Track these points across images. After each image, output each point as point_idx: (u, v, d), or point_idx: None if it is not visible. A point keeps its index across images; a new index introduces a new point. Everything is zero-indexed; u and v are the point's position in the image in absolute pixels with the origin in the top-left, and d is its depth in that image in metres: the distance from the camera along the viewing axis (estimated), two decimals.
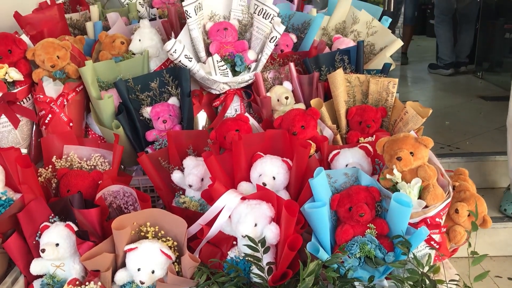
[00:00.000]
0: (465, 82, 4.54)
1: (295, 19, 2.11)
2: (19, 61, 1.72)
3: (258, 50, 1.87)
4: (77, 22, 2.16)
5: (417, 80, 4.68)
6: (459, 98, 3.95)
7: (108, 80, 1.79)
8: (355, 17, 2.10)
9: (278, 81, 1.90)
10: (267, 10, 1.81)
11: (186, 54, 1.71)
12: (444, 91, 4.23)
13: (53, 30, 1.92)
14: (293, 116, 1.57)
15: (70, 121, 1.72)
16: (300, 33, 2.11)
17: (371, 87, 1.76)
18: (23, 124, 1.74)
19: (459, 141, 2.99)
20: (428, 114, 1.63)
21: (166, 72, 1.78)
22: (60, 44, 1.72)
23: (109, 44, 1.89)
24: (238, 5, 1.90)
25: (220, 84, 1.81)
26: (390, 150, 1.32)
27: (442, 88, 4.34)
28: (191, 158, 1.58)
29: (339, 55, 1.91)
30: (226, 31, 1.84)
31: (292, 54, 1.99)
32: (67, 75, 1.75)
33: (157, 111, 1.73)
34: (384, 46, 2.06)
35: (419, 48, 6.13)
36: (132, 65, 1.82)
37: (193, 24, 1.77)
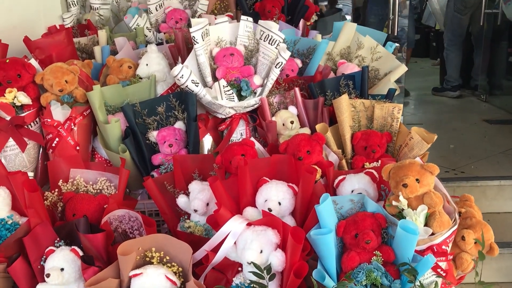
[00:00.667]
0: (469, 105, 4.56)
1: (300, 45, 2.13)
2: (28, 85, 1.74)
3: (263, 75, 1.89)
4: (85, 46, 2.19)
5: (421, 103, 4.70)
6: (463, 121, 3.96)
7: (115, 104, 1.80)
8: (359, 43, 2.13)
9: (284, 106, 1.92)
10: (273, 36, 1.84)
11: (193, 79, 1.73)
12: (448, 114, 4.24)
13: (62, 54, 1.95)
14: (299, 141, 1.58)
15: (77, 144, 1.73)
16: (305, 58, 2.13)
17: (376, 112, 1.77)
18: (30, 148, 1.76)
19: (464, 165, 3.00)
20: (433, 140, 1.64)
21: (173, 97, 1.79)
22: (68, 69, 1.74)
23: (117, 68, 1.92)
24: (244, 31, 1.93)
25: (226, 109, 1.83)
26: (396, 176, 1.32)
27: (446, 111, 4.36)
28: (196, 182, 1.58)
29: (344, 80, 1.93)
30: (232, 56, 1.86)
31: (297, 79, 2.00)
32: (75, 99, 1.77)
33: (163, 135, 1.74)
34: (389, 71, 2.08)
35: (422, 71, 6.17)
36: (139, 89, 1.84)
37: (200, 49, 1.79)
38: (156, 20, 2.32)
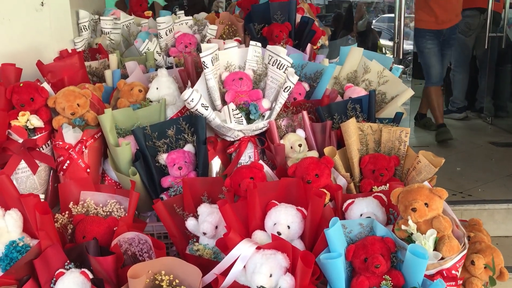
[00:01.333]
0: (474, 127, 4.57)
1: (307, 69, 2.16)
2: (41, 109, 1.77)
3: (272, 99, 1.92)
4: (96, 70, 2.22)
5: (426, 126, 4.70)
6: (470, 143, 3.97)
7: (126, 127, 1.83)
8: (366, 67, 2.15)
9: (291, 129, 1.94)
10: (281, 61, 1.87)
11: (203, 103, 1.75)
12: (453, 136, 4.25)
13: (74, 78, 1.98)
14: (307, 165, 1.59)
15: (88, 167, 1.75)
16: (312, 82, 2.16)
17: (384, 136, 1.79)
18: (41, 170, 1.78)
19: (471, 188, 2.99)
20: (441, 164, 1.65)
21: (183, 120, 1.82)
22: (80, 93, 1.77)
23: (127, 92, 1.95)
24: (253, 56, 1.96)
25: (235, 132, 1.85)
26: (405, 200, 1.33)
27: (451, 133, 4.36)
28: (205, 205, 1.59)
29: (351, 104, 1.95)
30: (241, 80, 1.89)
31: (305, 102, 2.03)
32: (86, 122, 1.80)
33: (172, 158, 1.76)
34: (396, 95, 2.10)
35: None
36: (149, 112, 1.87)
37: (209, 74, 1.82)
38: (166, 44, 2.36)
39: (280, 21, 2.46)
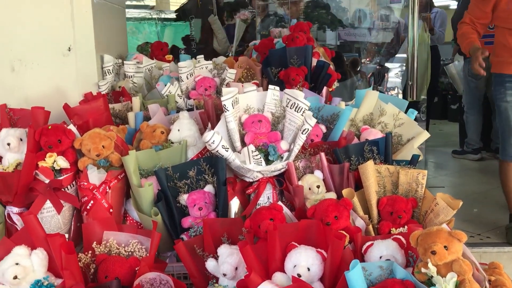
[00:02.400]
0: (490, 168, 4.54)
1: (324, 111, 2.21)
2: (67, 150, 1.84)
3: (290, 141, 1.96)
4: (119, 112, 2.30)
5: (442, 166, 4.71)
6: (486, 184, 3.94)
7: (148, 168, 1.88)
8: (382, 110, 2.20)
9: (309, 170, 1.97)
10: (299, 104, 1.92)
11: (223, 145, 1.80)
12: (470, 177, 4.24)
13: (98, 120, 2.05)
14: (326, 207, 1.62)
15: (111, 207, 1.80)
16: (329, 124, 2.21)
17: (401, 178, 1.81)
18: (66, 210, 1.83)
19: (490, 229, 2.96)
20: (459, 206, 1.66)
21: (203, 161, 1.87)
22: (105, 135, 1.84)
23: (150, 133, 2.01)
24: (272, 99, 2.02)
25: (254, 173, 1.89)
26: (424, 243, 1.34)
27: (467, 174, 4.35)
28: (225, 246, 1.62)
29: (368, 146, 1.98)
30: (260, 123, 1.94)
31: (322, 144, 2.07)
32: (111, 163, 1.85)
33: (193, 198, 1.80)
34: (411, 137, 2.14)
35: (441, 132, 6.22)
36: (171, 153, 1.92)
37: (230, 116, 1.88)
38: (187, 87, 2.44)
39: (297, 65, 2.53)
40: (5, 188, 1.77)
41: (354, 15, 8.35)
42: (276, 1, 7.44)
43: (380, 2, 6.58)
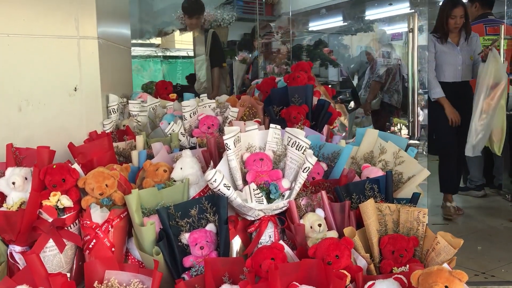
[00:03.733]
0: (494, 204, 4.53)
1: (325, 149, 2.24)
2: (71, 189, 1.86)
3: (291, 179, 1.98)
4: (123, 151, 2.33)
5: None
6: (489, 221, 3.92)
7: (151, 207, 1.89)
8: (382, 148, 2.23)
9: (311, 208, 1.98)
10: (300, 143, 1.95)
11: (225, 183, 1.82)
12: (474, 213, 4.22)
13: (102, 159, 2.08)
14: (328, 246, 1.62)
15: (113, 246, 1.80)
16: (330, 162, 2.23)
17: (402, 216, 1.82)
18: (68, 249, 1.83)
19: (494, 268, 2.93)
20: (460, 245, 1.66)
21: (205, 199, 1.88)
22: (109, 174, 1.86)
23: (153, 172, 2.03)
24: (273, 138, 2.05)
25: (256, 211, 1.90)
26: (425, 283, 1.34)
27: (471, 211, 4.34)
28: (226, 286, 1.61)
29: (368, 184, 2.00)
30: (262, 161, 1.97)
31: (324, 182, 2.09)
32: (113, 202, 1.87)
33: (195, 237, 1.80)
34: (412, 175, 2.15)
35: None
36: (173, 192, 1.94)
37: (232, 155, 1.91)
38: (190, 125, 2.48)
39: (298, 103, 2.58)
40: (9, 227, 1.78)
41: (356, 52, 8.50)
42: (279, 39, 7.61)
43: (382, 40, 6.73)
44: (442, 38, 4.28)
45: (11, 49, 2.29)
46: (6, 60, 2.29)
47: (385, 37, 6.72)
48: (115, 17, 2.90)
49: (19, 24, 2.30)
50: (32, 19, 2.33)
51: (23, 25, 2.31)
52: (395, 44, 6.67)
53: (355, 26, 7.65)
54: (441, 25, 4.28)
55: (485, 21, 4.87)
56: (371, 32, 7.80)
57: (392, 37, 6.99)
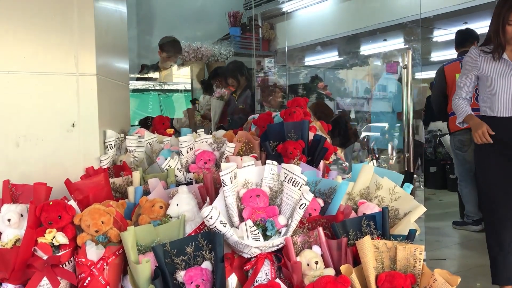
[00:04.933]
0: None
1: (321, 185, 2.25)
2: (67, 226, 1.85)
3: (288, 215, 1.98)
4: (119, 187, 2.33)
5: (442, 237, 4.67)
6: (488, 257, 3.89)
7: (146, 244, 1.88)
8: (378, 184, 2.24)
9: (308, 245, 1.97)
10: (296, 179, 1.96)
11: (221, 220, 1.82)
12: (471, 249, 4.20)
13: (98, 195, 2.08)
14: (325, 284, 1.61)
15: (108, 284, 1.78)
16: (326, 197, 2.23)
17: (399, 253, 1.81)
18: (62, 286, 1.81)
19: None
20: (457, 283, 1.65)
21: (201, 237, 1.87)
22: (105, 210, 1.86)
23: (149, 208, 2.03)
24: (270, 174, 2.06)
25: (252, 248, 1.89)
26: None
27: (469, 246, 4.32)
28: None
29: (365, 221, 2.00)
30: (258, 197, 1.97)
31: (320, 218, 2.08)
32: (109, 239, 1.86)
33: (190, 275, 1.79)
34: (408, 211, 2.16)
35: (441, 203, 6.22)
36: (169, 229, 1.94)
37: (228, 191, 1.91)
38: (187, 161, 2.50)
39: (294, 139, 2.60)
40: (3, 265, 1.76)
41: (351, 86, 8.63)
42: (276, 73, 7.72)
43: (377, 73, 6.84)
44: (495, 53, 2.96)
45: (11, 86, 2.33)
46: (5, 96, 2.32)
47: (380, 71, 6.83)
48: (114, 53, 2.95)
49: (19, 62, 2.34)
50: (32, 56, 2.37)
51: (23, 62, 2.35)
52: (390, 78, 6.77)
53: (350, 62, 7.79)
54: (495, 35, 2.95)
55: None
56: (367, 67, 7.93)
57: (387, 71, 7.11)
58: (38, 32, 2.37)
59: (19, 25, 2.34)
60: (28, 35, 2.36)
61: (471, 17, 6.33)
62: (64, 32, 2.41)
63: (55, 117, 2.40)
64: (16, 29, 2.34)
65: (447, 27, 6.83)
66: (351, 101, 7.94)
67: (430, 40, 7.50)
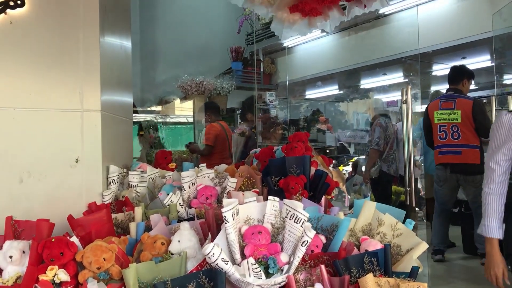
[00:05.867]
0: None
1: (323, 221, 2.25)
2: (69, 263, 1.85)
3: (290, 253, 1.97)
4: (122, 222, 2.33)
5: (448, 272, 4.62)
6: None
7: (148, 281, 1.87)
8: (380, 220, 2.23)
9: (310, 283, 1.95)
10: (298, 215, 1.97)
11: (223, 257, 1.82)
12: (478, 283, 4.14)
13: (101, 231, 2.08)
14: None
15: None
16: (329, 234, 2.23)
17: None
18: None
19: None
20: None
21: (203, 274, 1.86)
22: (107, 247, 1.86)
23: (151, 244, 2.03)
24: (271, 210, 2.07)
25: (254, 287, 1.87)
26: None
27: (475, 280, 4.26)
28: None
29: (367, 257, 1.99)
30: (260, 234, 1.97)
31: (323, 255, 2.07)
32: (111, 276, 1.85)
33: None
34: (410, 248, 2.15)
35: None
36: (171, 266, 1.93)
37: (230, 228, 1.92)
38: (188, 196, 2.50)
39: (296, 174, 2.62)
40: None
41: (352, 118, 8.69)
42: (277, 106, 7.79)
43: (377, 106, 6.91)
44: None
45: (16, 122, 2.36)
46: (10, 132, 2.35)
47: (381, 104, 6.91)
48: (118, 89, 3.00)
49: (25, 98, 2.38)
50: (38, 93, 2.41)
51: (29, 99, 2.39)
52: (391, 111, 6.83)
53: (350, 96, 7.88)
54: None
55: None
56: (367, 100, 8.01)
57: (388, 104, 7.17)
58: (44, 70, 2.42)
59: (26, 63, 2.39)
60: (35, 73, 2.40)
61: (469, 52, 6.44)
62: (70, 69, 2.46)
63: (59, 152, 2.42)
64: (24, 66, 2.39)
65: (446, 62, 6.94)
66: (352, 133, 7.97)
67: (429, 74, 7.60)
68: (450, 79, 5.25)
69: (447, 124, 4.90)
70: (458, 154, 4.83)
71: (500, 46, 5.41)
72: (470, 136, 4.81)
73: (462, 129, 4.83)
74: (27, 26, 2.39)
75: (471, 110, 4.79)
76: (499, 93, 5.76)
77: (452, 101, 4.94)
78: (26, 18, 2.39)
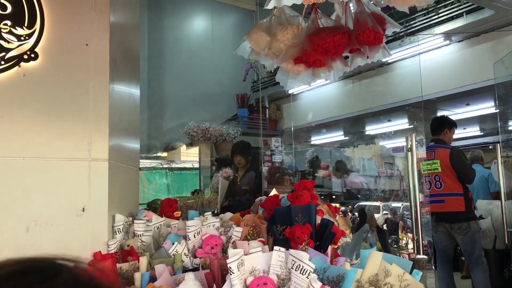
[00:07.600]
0: None
1: (329, 272, 2.22)
2: None
3: None
4: (126, 272, 2.32)
5: None
6: None
7: None
8: (387, 271, 2.21)
9: None
10: (304, 266, 1.95)
11: None
12: None
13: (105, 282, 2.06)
14: None
15: None
16: (335, 285, 2.20)
17: None
18: None
19: None
20: None
21: None
22: None
23: None
24: (277, 261, 2.05)
25: None
26: None
27: None
28: None
29: None
30: (265, 285, 1.95)
31: None
32: None
33: None
34: None
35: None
36: None
37: (235, 279, 1.90)
38: (194, 246, 2.49)
39: (301, 223, 2.61)
40: None
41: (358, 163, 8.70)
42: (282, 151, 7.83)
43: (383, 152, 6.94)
44: None
45: (25, 171, 2.39)
46: (19, 182, 2.37)
47: (386, 150, 6.94)
48: (126, 137, 3.05)
49: (34, 148, 2.42)
50: (48, 142, 2.45)
51: (38, 148, 2.43)
52: (396, 157, 6.85)
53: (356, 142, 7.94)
54: None
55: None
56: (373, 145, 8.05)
57: (393, 150, 7.20)
58: (54, 120, 2.47)
59: (36, 113, 2.44)
60: (44, 123, 2.45)
61: (473, 98, 6.52)
62: (80, 119, 2.51)
63: (66, 201, 2.43)
64: (35, 117, 2.44)
65: (450, 108, 7.02)
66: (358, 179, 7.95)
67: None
68: (432, 129, 5.39)
69: (430, 174, 5.06)
70: (441, 203, 4.96)
71: (503, 93, 5.49)
72: (452, 185, 4.93)
73: (443, 178, 4.98)
74: (39, 78, 2.46)
75: (449, 159, 4.94)
76: (504, 139, 5.78)
77: (432, 152, 5.11)
78: (38, 70, 2.46)
